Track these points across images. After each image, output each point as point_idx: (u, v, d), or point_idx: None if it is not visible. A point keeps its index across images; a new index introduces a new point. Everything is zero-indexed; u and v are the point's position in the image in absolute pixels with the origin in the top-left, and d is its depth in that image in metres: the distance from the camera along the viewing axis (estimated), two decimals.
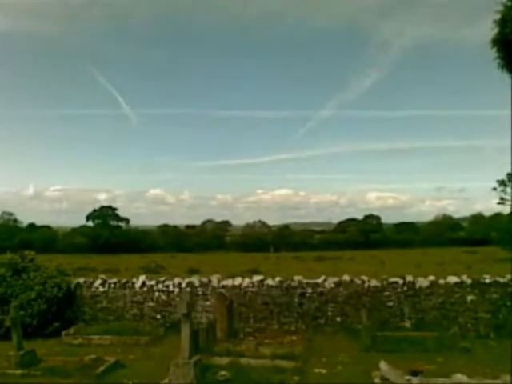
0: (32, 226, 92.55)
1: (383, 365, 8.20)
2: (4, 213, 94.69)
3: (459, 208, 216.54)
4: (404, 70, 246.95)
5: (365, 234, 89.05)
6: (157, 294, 14.37)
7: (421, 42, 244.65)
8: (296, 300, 13.76)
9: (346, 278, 14.00)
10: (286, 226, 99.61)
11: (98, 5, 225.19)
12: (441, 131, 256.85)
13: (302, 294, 13.78)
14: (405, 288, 13.52)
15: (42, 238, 79.07)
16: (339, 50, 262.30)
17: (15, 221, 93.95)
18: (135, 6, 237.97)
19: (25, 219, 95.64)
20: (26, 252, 14.77)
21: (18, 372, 9.42)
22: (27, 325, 12.53)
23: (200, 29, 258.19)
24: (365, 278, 14.03)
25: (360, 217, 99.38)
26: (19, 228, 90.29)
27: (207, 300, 13.96)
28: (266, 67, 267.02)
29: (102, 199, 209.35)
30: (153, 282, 14.60)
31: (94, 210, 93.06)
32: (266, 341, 11.86)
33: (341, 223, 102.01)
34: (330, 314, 13.62)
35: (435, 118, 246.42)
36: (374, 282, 13.77)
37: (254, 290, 13.93)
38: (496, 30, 6.76)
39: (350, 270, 21.95)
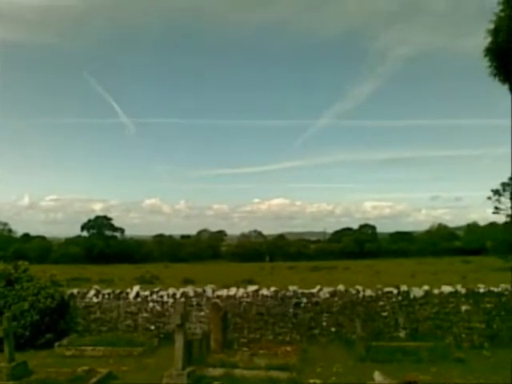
0: (26, 236, 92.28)
1: (377, 375, 8.17)
2: None
3: (455, 217, 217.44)
4: (402, 79, 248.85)
5: (360, 244, 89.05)
6: (151, 304, 14.29)
7: (419, 51, 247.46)
8: (291, 310, 13.71)
9: (341, 287, 13.97)
10: (281, 236, 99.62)
11: (94, 14, 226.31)
12: (437, 141, 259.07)
13: (297, 304, 13.73)
14: (399, 298, 13.51)
15: (36, 249, 78.74)
16: (338, 60, 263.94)
17: (10, 231, 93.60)
18: (132, 15, 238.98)
19: (19, 229, 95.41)
20: (20, 262, 14.67)
21: None
22: (20, 336, 12.43)
23: (198, 38, 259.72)
24: (359, 287, 14.01)
25: (356, 226, 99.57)
26: (13, 238, 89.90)
27: (202, 310, 13.89)
28: (263, 77, 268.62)
29: (98, 209, 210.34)
30: (147, 293, 14.51)
31: (89, 220, 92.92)
32: (261, 351, 11.80)
33: (336, 233, 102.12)
34: (324, 324, 13.58)
35: (432, 128, 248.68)
36: (368, 292, 13.75)
37: (248, 300, 13.88)
38: (489, 40, 6.81)
39: (345, 280, 21.97)
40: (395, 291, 13.63)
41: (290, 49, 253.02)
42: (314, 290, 13.98)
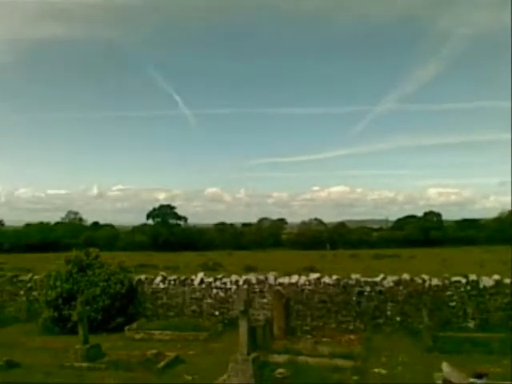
0: (96, 224, 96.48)
1: (446, 366, 7.94)
2: (70, 212, 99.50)
3: None
4: (466, 59, 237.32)
5: (425, 232, 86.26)
6: (215, 291, 14.61)
7: (483, 29, 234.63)
8: (354, 299, 13.58)
9: (406, 276, 13.66)
10: (341, 224, 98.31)
11: (153, 9, 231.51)
12: (504, 123, 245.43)
13: (360, 293, 13.58)
14: (468, 287, 13.04)
15: (105, 237, 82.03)
16: (397, 43, 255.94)
17: (80, 220, 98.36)
18: (190, 10, 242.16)
19: (89, 218, 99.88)
20: (91, 249, 15.38)
21: (84, 365, 9.84)
22: (92, 320, 13.04)
23: (252, 29, 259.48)
24: (425, 276, 13.64)
25: (420, 214, 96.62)
26: (84, 226, 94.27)
27: (264, 297, 14.04)
28: (322, 63, 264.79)
29: (162, 198, 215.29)
30: (211, 279, 14.84)
31: (154, 209, 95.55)
32: (324, 339, 11.79)
33: (399, 220, 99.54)
34: (389, 313, 13.36)
35: (498, 110, 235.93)
36: (435, 281, 13.37)
37: (310, 287, 13.87)
38: None
39: (410, 269, 21.41)
40: (463, 280, 13.17)
41: (347, 34, 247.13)
42: (378, 279, 13.76)
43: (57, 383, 8.90)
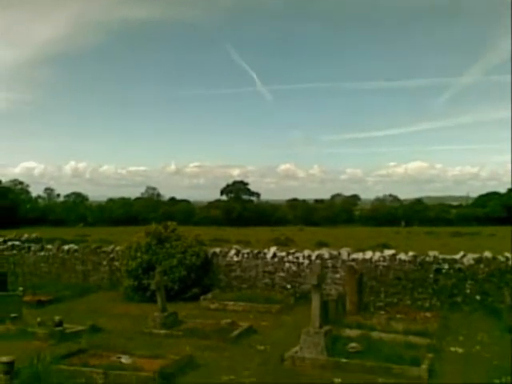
0: (173, 199, 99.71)
1: None
2: (148, 188, 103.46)
3: None
4: None
5: (508, 209, 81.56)
6: (287, 265, 14.70)
7: None
8: (431, 276, 13.17)
9: (488, 254, 13.04)
10: (418, 200, 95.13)
11: None
12: None
13: (438, 270, 13.13)
14: None
15: (181, 211, 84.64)
16: (481, 12, 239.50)
17: (158, 195, 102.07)
18: None
19: (167, 194, 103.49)
20: (169, 223, 15.96)
21: (163, 332, 10.32)
22: (169, 289, 13.55)
23: (328, 3, 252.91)
24: (508, 254, 12.94)
25: (503, 190, 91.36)
26: (162, 202, 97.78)
27: (337, 273, 13.96)
28: (400, 36, 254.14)
29: (236, 174, 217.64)
30: (283, 254, 14.93)
31: (228, 185, 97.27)
32: (398, 316, 11.57)
33: (481, 197, 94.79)
34: (468, 291, 12.84)
35: None
36: None
37: (385, 264, 13.60)
38: None
39: (490, 247, 20.42)
40: None
41: (427, 6, 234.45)
42: (457, 256, 13.24)
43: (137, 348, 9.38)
